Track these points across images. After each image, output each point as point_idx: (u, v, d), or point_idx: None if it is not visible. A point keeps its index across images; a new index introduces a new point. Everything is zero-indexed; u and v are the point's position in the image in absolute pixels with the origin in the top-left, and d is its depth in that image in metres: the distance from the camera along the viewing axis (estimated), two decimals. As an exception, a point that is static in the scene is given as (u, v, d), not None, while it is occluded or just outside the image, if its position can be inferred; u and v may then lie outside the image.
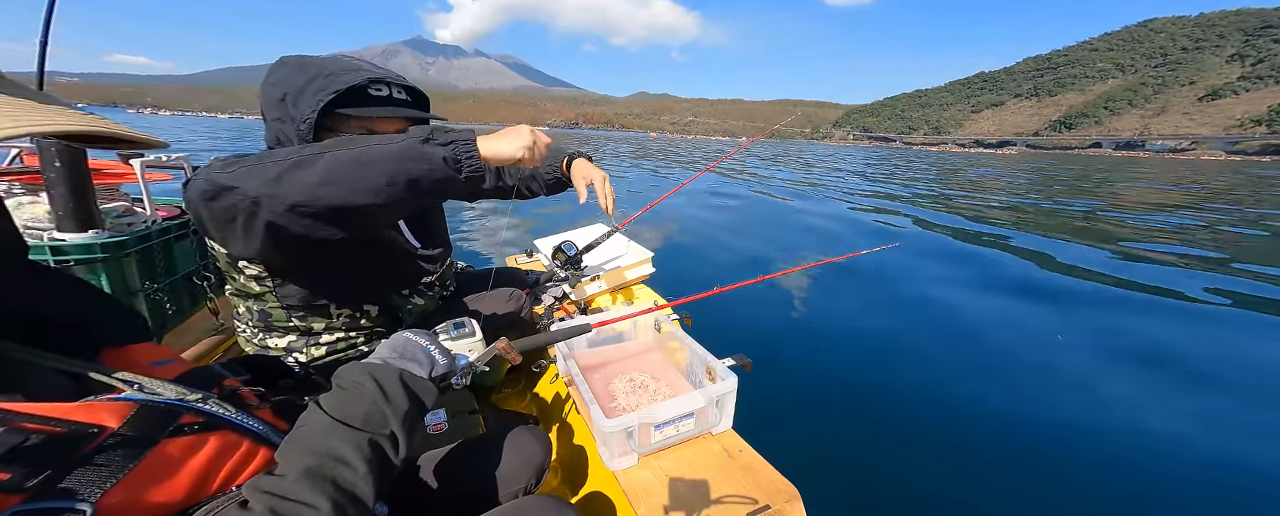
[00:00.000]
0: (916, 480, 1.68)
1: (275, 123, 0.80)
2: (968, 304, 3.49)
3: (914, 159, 39.06)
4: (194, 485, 0.42)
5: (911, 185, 12.97)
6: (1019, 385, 2.36)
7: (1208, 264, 5.01)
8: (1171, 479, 1.74)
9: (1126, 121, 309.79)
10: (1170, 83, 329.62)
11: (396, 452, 0.50)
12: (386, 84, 0.82)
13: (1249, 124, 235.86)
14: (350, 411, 0.49)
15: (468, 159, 0.69)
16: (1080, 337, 2.99)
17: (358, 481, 0.45)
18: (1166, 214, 8.80)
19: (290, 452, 0.46)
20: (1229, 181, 19.96)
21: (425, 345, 0.62)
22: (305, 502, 0.41)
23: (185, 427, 0.43)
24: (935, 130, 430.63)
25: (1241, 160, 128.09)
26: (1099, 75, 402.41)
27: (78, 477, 0.35)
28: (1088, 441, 1.92)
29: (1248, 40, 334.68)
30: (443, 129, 0.71)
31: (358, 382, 0.52)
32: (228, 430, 0.47)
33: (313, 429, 0.48)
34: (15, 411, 0.34)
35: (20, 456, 0.33)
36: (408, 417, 0.52)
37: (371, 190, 0.63)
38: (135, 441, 0.39)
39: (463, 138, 0.70)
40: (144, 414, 0.41)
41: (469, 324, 0.74)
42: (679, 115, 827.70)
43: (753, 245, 5.36)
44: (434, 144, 0.67)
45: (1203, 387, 2.40)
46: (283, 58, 0.82)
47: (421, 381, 0.57)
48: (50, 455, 0.34)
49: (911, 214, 7.85)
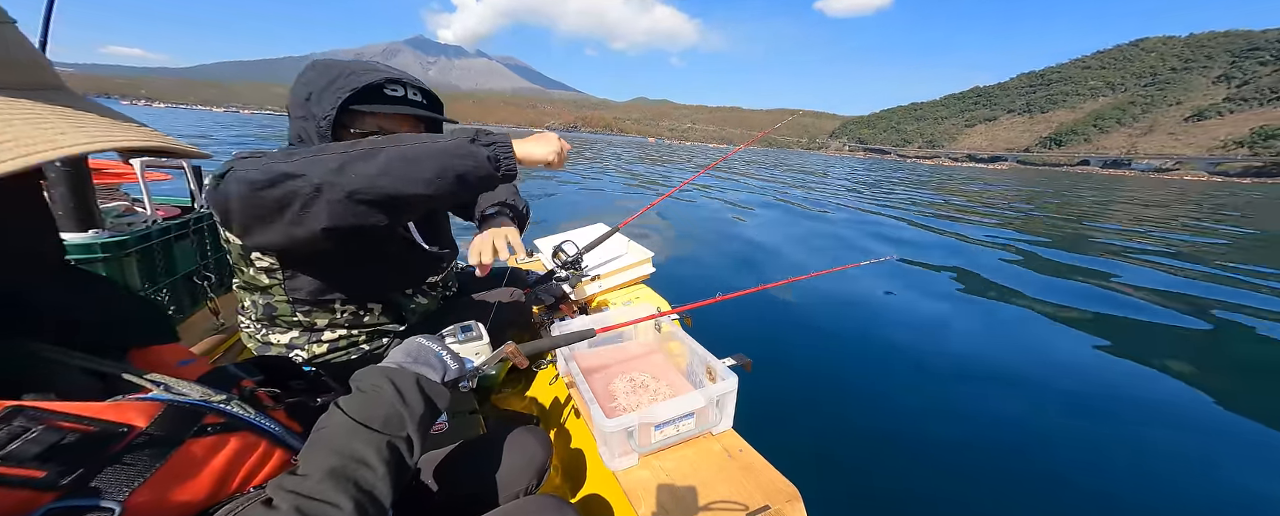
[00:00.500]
0: (917, 480, 1.69)
1: (299, 120, 0.84)
2: (969, 306, 3.55)
3: (907, 171, 39.50)
4: (215, 485, 0.43)
5: (906, 193, 13.08)
6: (1019, 385, 2.38)
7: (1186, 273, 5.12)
8: (1172, 477, 1.75)
9: (1115, 139, 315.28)
10: (1158, 102, 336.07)
11: (411, 455, 0.51)
12: (403, 84, 0.87)
13: (1232, 145, 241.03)
14: (370, 414, 0.50)
15: (505, 159, 0.77)
16: (1080, 336, 3.03)
17: (377, 482, 0.46)
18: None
19: (313, 453, 0.47)
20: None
21: (438, 350, 0.64)
22: (329, 502, 0.42)
23: (208, 428, 0.44)
24: (929, 143, 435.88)
25: (1222, 181, 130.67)
26: (1090, 93, 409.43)
27: (107, 476, 0.36)
28: (1088, 441, 1.94)
29: (1234, 62, 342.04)
30: (485, 130, 0.78)
31: (377, 386, 0.54)
32: (247, 431, 0.48)
33: (335, 431, 0.49)
34: (52, 410, 0.35)
35: (56, 454, 0.33)
36: (423, 421, 0.54)
37: (423, 182, 0.71)
38: (162, 441, 0.40)
39: (501, 140, 0.77)
40: (170, 414, 0.42)
41: (476, 327, 0.76)
42: (677, 121, 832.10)
43: (754, 245, 5.39)
44: (479, 144, 0.75)
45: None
46: (313, 61, 0.87)
47: (436, 386, 0.58)
48: (83, 454, 0.35)
49: (910, 222, 7.92)
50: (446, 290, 1.22)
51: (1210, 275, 5.25)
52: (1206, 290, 4.54)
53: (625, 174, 12.53)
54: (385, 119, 0.86)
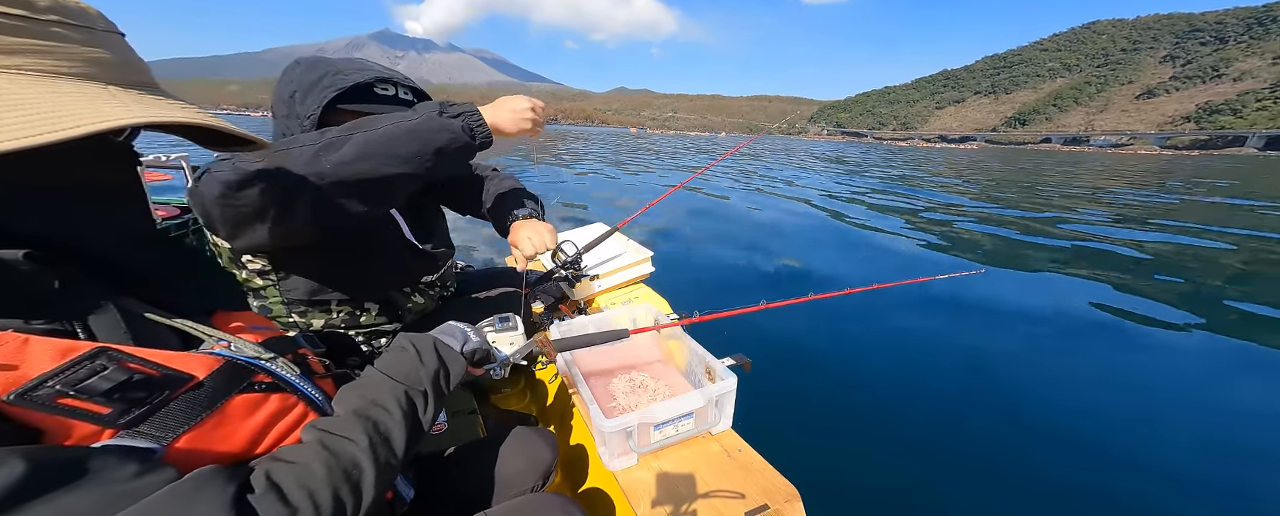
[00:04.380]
0: (917, 480, 1.67)
1: (283, 119, 0.81)
2: (968, 308, 3.42)
3: (891, 154, 39.21)
4: (250, 440, 0.46)
5: (897, 183, 12.91)
6: (1019, 386, 2.33)
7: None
8: (1172, 477, 1.71)
9: (1073, 118, 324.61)
10: (1111, 82, 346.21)
11: (426, 408, 0.56)
12: (394, 84, 0.83)
13: (1180, 121, 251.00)
14: (394, 367, 0.57)
15: (479, 128, 0.76)
16: (1082, 336, 2.97)
17: (392, 426, 0.51)
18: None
19: (345, 396, 0.53)
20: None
21: (463, 327, 0.70)
22: (348, 436, 0.47)
23: (256, 385, 0.47)
24: (903, 125, 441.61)
25: (1172, 154, 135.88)
26: (1049, 74, 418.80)
27: (158, 420, 0.39)
28: (1088, 441, 1.91)
29: (1178, 43, 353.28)
30: (449, 103, 0.75)
31: (402, 346, 0.61)
32: (289, 392, 0.51)
33: (364, 380, 0.56)
34: (129, 353, 0.39)
35: (122, 392, 0.37)
36: (436, 379, 0.59)
37: (402, 160, 0.70)
38: (213, 393, 0.43)
39: (469, 109, 0.75)
40: (226, 369, 0.45)
41: (513, 319, 0.78)
42: (659, 110, 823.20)
43: (754, 246, 5.22)
44: (448, 117, 0.73)
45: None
46: (298, 59, 0.83)
47: (451, 351, 0.64)
48: (144, 396, 0.39)
49: (912, 213, 7.64)
50: (444, 290, 1.20)
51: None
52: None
53: (609, 178, 12.06)
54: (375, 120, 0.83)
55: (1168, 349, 2.85)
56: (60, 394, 0.35)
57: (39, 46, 0.35)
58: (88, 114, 0.34)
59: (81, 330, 0.41)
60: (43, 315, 0.39)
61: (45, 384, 0.35)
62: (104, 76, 0.39)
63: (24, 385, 0.34)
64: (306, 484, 0.42)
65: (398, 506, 0.66)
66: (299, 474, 0.42)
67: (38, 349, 0.36)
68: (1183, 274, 4.45)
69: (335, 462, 0.44)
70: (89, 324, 0.41)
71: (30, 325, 0.38)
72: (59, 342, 0.37)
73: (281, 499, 0.40)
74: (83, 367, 0.36)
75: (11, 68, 0.34)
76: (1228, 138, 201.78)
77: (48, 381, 0.35)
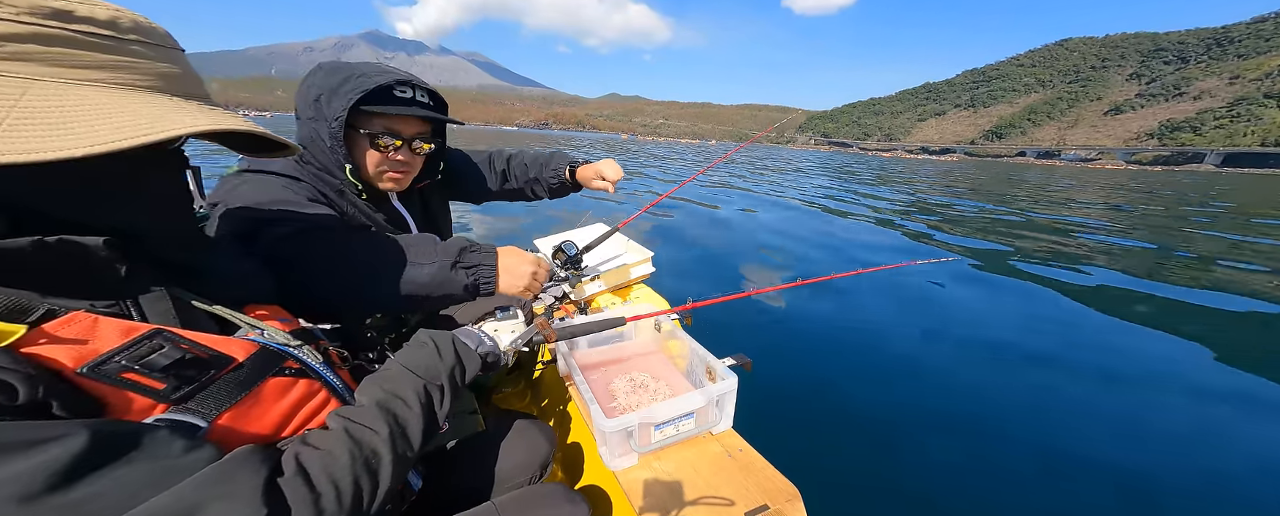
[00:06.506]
0: (917, 480, 1.66)
1: (309, 121, 0.84)
2: (969, 308, 3.44)
3: (881, 165, 39.59)
4: (280, 422, 0.48)
5: (884, 186, 13.20)
6: (1019, 385, 2.33)
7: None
8: (1169, 476, 1.73)
9: (1046, 132, 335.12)
10: (1081, 98, 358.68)
11: (442, 402, 0.59)
12: (412, 86, 0.86)
13: (1144, 137, 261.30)
14: (415, 362, 0.60)
15: (485, 286, 0.83)
16: (1081, 337, 2.99)
17: (411, 419, 0.53)
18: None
19: (368, 387, 0.55)
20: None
21: (479, 331, 0.75)
22: (371, 427, 0.49)
23: (286, 370, 0.51)
24: (887, 136, 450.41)
25: (1137, 169, 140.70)
26: (1024, 89, 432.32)
27: (204, 398, 0.42)
28: (1089, 441, 1.91)
29: (1143, 61, 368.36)
30: (470, 248, 0.82)
31: (422, 342, 0.64)
32: (315, 379, 0.54)
33: (386, 372, 0.58)
34: (182, 335, 0.44)
35: (177, 370, 0.41)
36: (452, 374, 0.62)
37: (410, 299, 0.79)
38: (250, 375, 0.47)
39: (485, 275, 0.83)
40: (262, 354, 0.50)
41: (513, 308, 0.83)
42: (650, 117, 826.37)
43: (754, 247, 5.27)
44: (461, 268, 0.80)
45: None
46: (320, 64, 0.87)
47: (467, 348, 0.67)
48: (194, 375, 0.42)
49: (905, 220, 7.72)
50: None
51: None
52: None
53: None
54: (393, 120, 0.86)
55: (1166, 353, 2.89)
56: (125, 368, 0.39)
57: (121, 62, 0.40)
58: (163, 122, 0.38)
59: (136, 313, 0.45)
60: (106, 297, 0.43)
61: (113, 358, 0.38)
62: (170, 89, 0.43)
63: (95, 358, 0.37)
64: (331, 470, 0.44)
65: (407, 495, 0.68)
66: (325, 460, 0.44)
67: (106, 327, 0.40)
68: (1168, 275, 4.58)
69: (358, 451, 0.46)
70: (143, 307, 0.45)
71: (96, 307, 0.42)
72: (122, 322, 0.41)
73: (307, 483, 0.41)
74: (144, 345, 0.40)
75: (99, 81, 0.38)
76: (1188, 154, 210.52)
77: (115, 356, 0.38)
